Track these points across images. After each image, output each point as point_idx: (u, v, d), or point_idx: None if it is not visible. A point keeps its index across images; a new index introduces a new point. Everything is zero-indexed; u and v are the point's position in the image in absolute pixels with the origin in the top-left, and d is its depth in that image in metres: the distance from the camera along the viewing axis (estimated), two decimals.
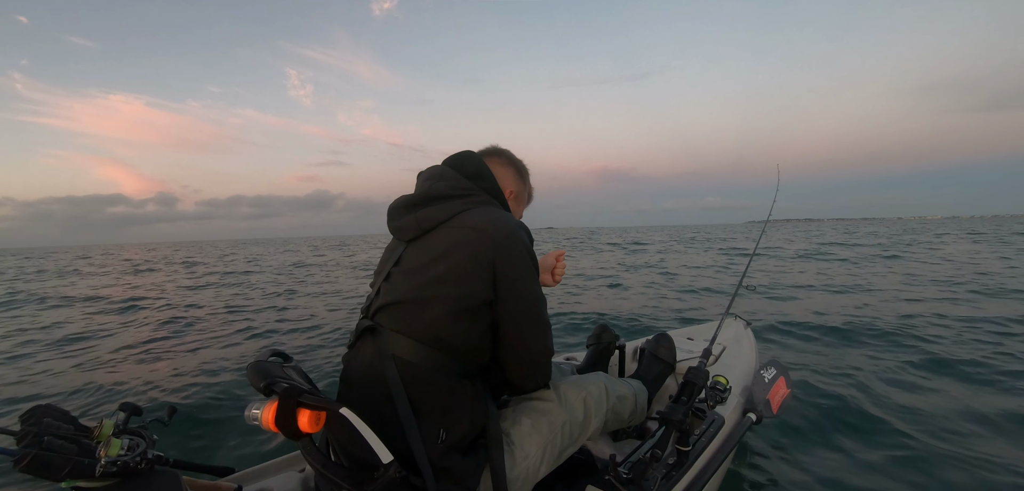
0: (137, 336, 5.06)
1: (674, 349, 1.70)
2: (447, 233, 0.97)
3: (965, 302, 5.42)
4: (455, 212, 1.00)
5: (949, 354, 3.38)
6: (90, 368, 3.81)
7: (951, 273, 8.02)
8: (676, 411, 1.28)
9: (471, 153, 1.12)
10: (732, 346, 2.21)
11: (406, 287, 0.97)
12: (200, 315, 6.37)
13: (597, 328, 1.74)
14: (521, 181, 1.24)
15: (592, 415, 1.17)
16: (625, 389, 1.30)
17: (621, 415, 1.29)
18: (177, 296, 8.60)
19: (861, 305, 5.35)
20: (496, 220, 0.97)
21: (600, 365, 1.68)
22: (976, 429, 2.27)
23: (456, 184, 1.04)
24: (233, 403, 2.76)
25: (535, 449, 1.05)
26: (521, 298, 0.97)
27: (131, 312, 6.94)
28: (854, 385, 2.84)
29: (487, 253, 0.93)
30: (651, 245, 20.48)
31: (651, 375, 1.62)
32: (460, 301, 0.92)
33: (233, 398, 2.86)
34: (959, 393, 2.72)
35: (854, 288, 6.70)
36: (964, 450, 2.07)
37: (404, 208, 1.05)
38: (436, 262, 0.95)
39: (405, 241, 1.05)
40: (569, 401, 1.14)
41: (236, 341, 4.72)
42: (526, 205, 1.30)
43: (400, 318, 0.96)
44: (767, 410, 1.69)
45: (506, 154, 1.22)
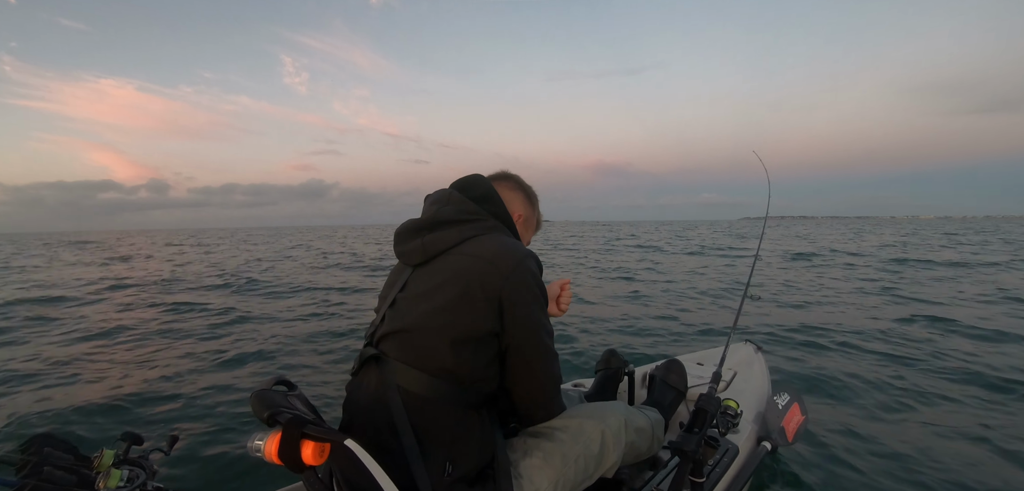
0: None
1: (685, 375, 1.66)
2: (454, 260, 0.96)
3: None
4: (462, 238, 0.99)
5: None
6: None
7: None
8: (689, 441, 1.24)
9: (479, 177, 1.12)
10: (743, 370, 2.17)
11: (411, 316, 0.95)
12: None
13: (605, 353, 1.71)
14: (530, 206, 1.23)
15: (610, 450, 1.11)
16: (643, 421, 1.25)
17: (639, 449, 1.23)
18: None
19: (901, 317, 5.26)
20: (504, 250, 0.96)
21: (608, 391, 1.64)
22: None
23: (463, 208, 1.03)
24: (234, 435, 2.73)
25: (546, 484, 1.00)
26: (528, 330, 0.95)
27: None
28: (877, 406, 2.76)
29: (494, 284, 0.91)
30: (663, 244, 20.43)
31: (664, 403, 1.58)
32: (466, 331, 0.91)
33: (234, 429, 2.82)
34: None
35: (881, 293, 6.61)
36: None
37: (411, 232, 1.04)
38: (441, 290, 0.93)
39: (412, 266, 1.03)
40: (586, 433, 1.09)
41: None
42: (535, 231, 1.28)
43: (405, 348, 0.94)
44: (782, 438, 1.64)
45: (515, 178, 1.22)
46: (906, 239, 21.84)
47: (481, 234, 1.00)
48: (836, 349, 4.09)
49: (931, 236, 24.74)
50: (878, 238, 23.20)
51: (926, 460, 2.20)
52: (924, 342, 4.25)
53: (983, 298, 6.50)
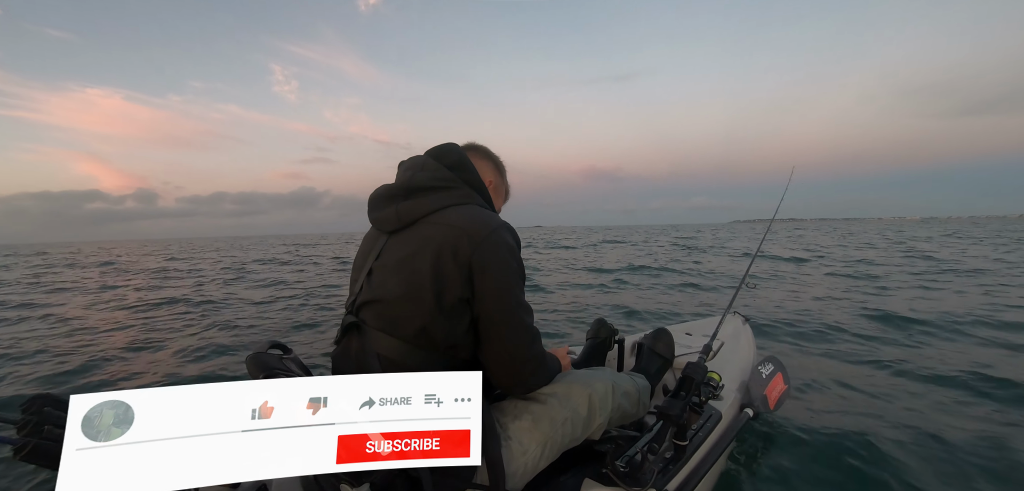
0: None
1: (673, 344, 1.71)
2: (428, 230, 0.97)
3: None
4: (437, 207, 1.00)
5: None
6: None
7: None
8: (673, 406, 1.29)
9: (453, 145, 1.12)
10: (730, 342, 2.22)
11: (387, 284, 0.97)
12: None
13: (595, 321, 1.75)
14: (499, 174, 1.25)
15: (597, 412, 1.16)
16: (629, 385, 1.30)
17: (626, 412, 1.28)
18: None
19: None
20: (478, 219, 0.97)
21: (597, 358, 1.69)
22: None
23: (437, 175, 1.04)
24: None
25: (535, 445, 1.05)
26: (498, 299, 0.95)
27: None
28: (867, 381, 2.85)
29: (465, 251, 0.92)
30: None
31: (651, 370, 1.63)
32: (440, 298, 0.92)
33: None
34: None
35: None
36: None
37: (385, 199, 1.05)
38: (415, 259, 0.94)
39: (387, 233, 1.04)
40: (573, 398, 1.13)
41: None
42: (504, 200, 1.31)
43: (382, 316, 0.96)
44: (764, 406, 1.70)
45: (484, 149, 1.24)
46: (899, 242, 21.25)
47: (456, 203, 1.01)
48: (820, 333, 4.18)
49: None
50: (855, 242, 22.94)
51: (906, 433, 2.29)
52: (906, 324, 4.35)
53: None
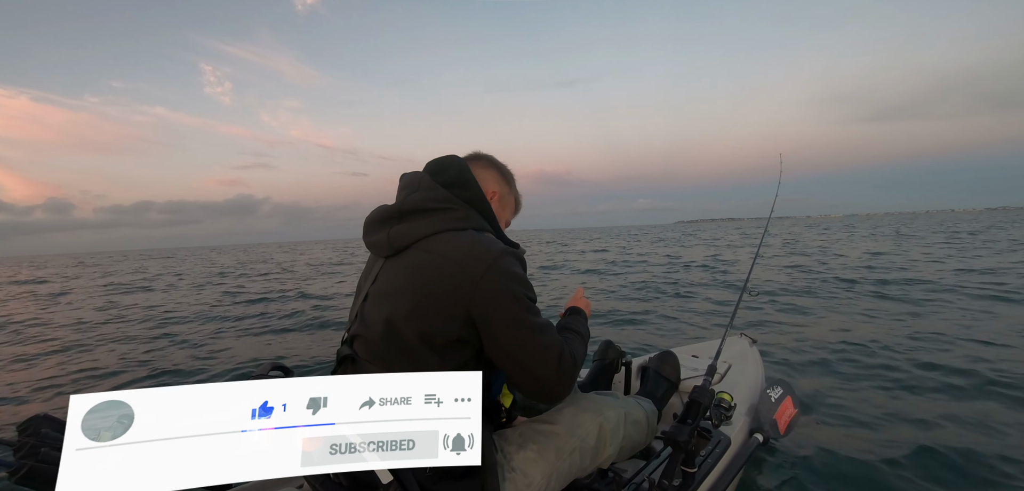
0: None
1: (679, 367, 1.68)
2: (420, 256, 0.91)
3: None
4: (431, 231, 0.93)
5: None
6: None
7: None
8: (681, 432, 1.26)
9: (454, 157, 1.06)
10: (738, 364, 2.18)
11: (374, 319, 0.92)
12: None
13: (602, 344, 1.73)
14: (505, 183, 1.17)
15: (607, 443, 1.10)
16: (640, 414, 1.24)
17: (636, 442, 1.22)
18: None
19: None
20: (474, 251, 0.88)
21: (603, 381, 1.66)
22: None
23: (432, 196, 0.97)
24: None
25: (540, 477, 0.98)
26: (509, 334, 0.88)
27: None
28: (869, 402, 2.77)
29: (464, 291, 0.86)
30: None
31: (657, 394, 1.60)
32: (431, 336, 0.87)
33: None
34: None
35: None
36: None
37: (378, 223, 0.99)
38: (405, 292, 0.89)
39: (382, 258, 1.00)
40: (582, 426, 1.07)
41: None
42: (515, 212, 1.23)
43: (372, 350, 0.92)
44: (774, 430, 1.66)
45: (488, 157, 1.17)
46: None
47: (452, 228, 0.94)
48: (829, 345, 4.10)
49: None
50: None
51: (921, 453, 2.21)
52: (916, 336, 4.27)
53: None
